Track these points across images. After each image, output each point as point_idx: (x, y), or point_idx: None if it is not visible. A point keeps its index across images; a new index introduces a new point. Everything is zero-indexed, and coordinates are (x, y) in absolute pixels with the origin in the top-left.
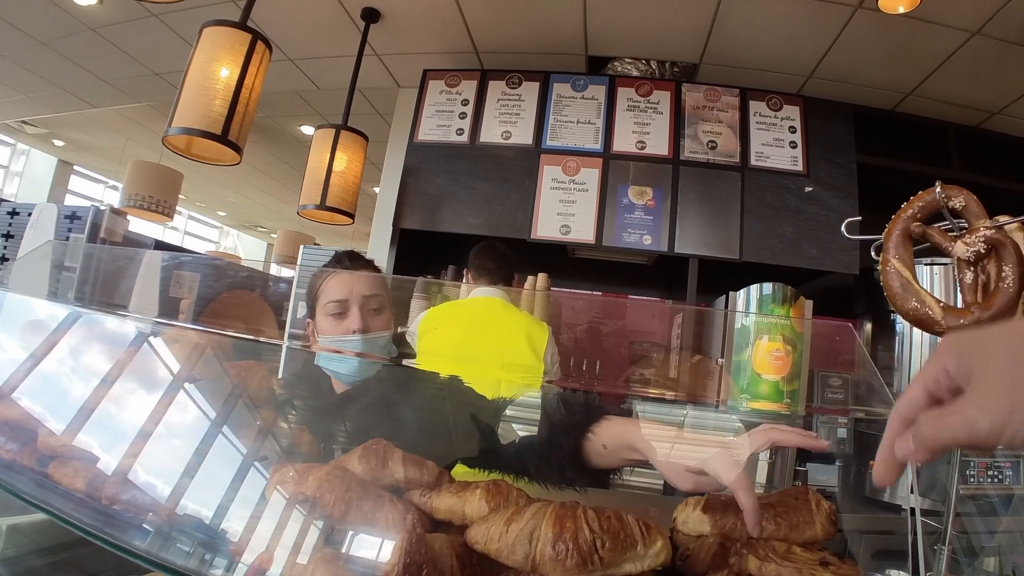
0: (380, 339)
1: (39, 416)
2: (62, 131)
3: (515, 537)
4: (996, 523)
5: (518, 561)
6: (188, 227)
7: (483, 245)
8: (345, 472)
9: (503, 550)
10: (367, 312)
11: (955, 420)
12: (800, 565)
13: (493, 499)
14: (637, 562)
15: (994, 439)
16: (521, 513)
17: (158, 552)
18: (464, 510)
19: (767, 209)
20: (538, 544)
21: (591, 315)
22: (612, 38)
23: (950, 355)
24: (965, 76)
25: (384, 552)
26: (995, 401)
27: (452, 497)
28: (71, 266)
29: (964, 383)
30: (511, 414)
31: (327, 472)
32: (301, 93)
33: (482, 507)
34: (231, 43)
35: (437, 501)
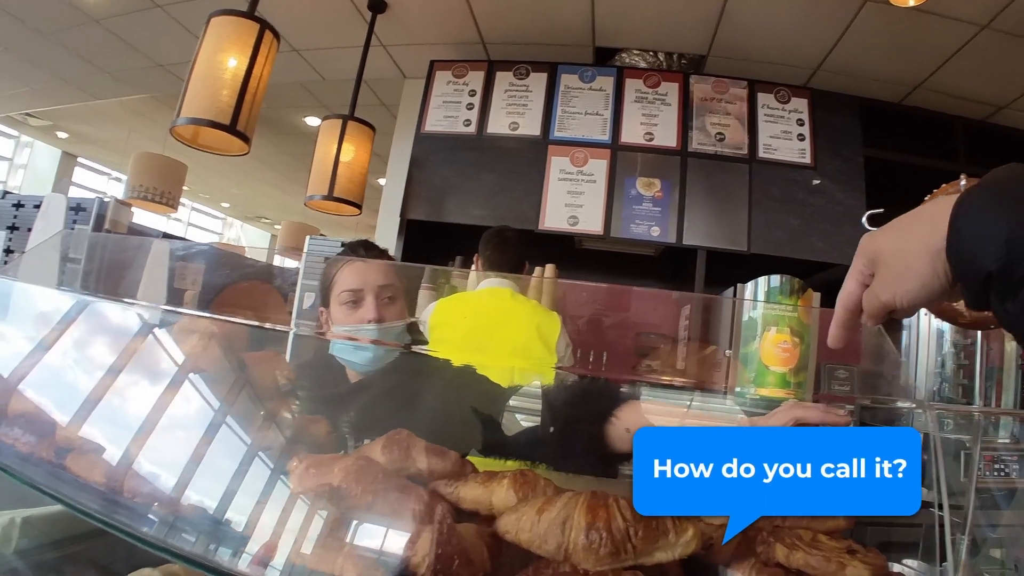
0: (394, 329)
1: (57, 409)
2: (66, 123)
3: (547, 527)
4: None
5: (550, 551)
6: (192, 218)
7: (493, 231)
8: (371, 462)
9: (535, 540)
10: (382, 302)
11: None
12: (828, 553)
13: (521, 489)
14: (668, 551)
15: (891, 307)
16: (553, 503)
17: (176, 544)
18: (491, 500)
19: (774, 202)
20: (571, 533)
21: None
22: (620, 29)
23: (862, 254)
24: (973, 70)
25: (414, 544)
26: (885, 279)
27: (479, 487)
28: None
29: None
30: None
31: (352, 462)
32: (306, 84)
33: (510, 497)
34: (239, 33)
35: (463, 491)
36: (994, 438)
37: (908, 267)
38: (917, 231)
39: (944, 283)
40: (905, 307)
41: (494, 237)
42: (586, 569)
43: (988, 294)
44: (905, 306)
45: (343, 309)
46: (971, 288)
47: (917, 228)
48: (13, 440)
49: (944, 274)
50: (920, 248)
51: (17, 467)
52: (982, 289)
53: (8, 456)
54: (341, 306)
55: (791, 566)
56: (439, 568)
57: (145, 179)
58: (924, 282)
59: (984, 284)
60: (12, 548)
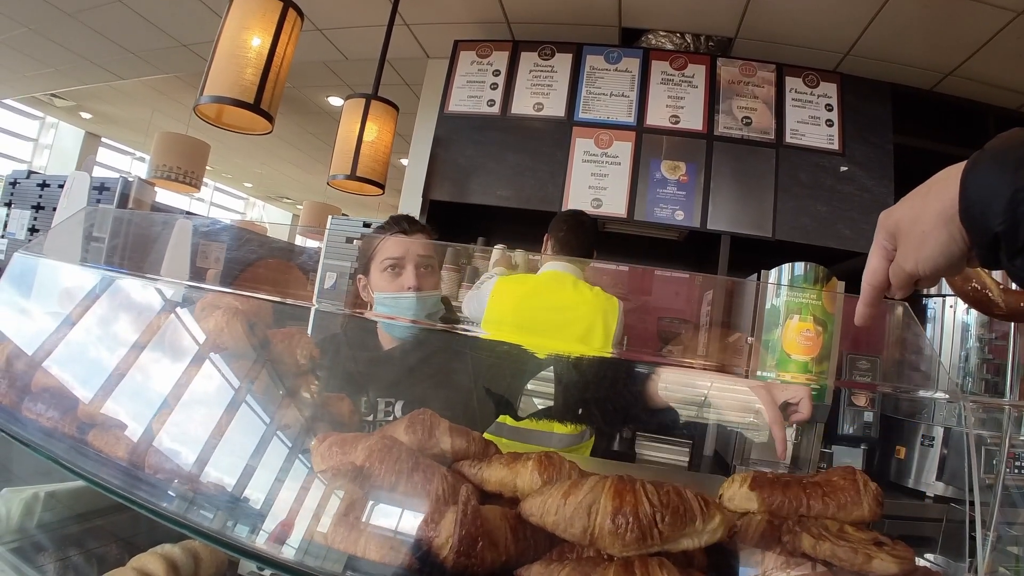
0: (431, 297)
1: (80, 384)
2: (90, 103)
3: (573, 510)
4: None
5: (576, 535)
6: (214, 198)
7: (568, 213)
8: (394, 442)
9: (560, 523)
10: (420, 272)
11: (894, 269)
12: (855, 544)
13: (546, 471)
14: (695, 537)
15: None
16: (579, 486)
17: (196, 520)
18: (516, 482)
19: (801, 188)
20: (597, 518)
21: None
22: (646, 10)
23: (882, 228)
24: (1007, 57)
25: (438, 525)
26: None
27: (503, 469)
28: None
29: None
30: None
31: (376, 441)
32: (329, 64)
33: (535, 479)
34: (263, 11)
35: (488, 472)
36: (1015, 434)
37: (926, 234)
38: (931, 199)
39: (962, 247)
40: (928, 274)
41: (570, 219)
42: (611, 554)
43: (998, 254)
44: (928, 272)
45: (385, 276)
46: (982, 249)
47: (931, 196)
48: (37, 415)
49: (961, 238)
50: (935, 215)
51: (40, 442)
52: (991, 249)
53: (32, 431)
54: (382, 273)
55: (818, 556)
56: (462, 549)
57: (168, 159)
58: (943, 248)
59: (993, 244)
60: (35, 522)
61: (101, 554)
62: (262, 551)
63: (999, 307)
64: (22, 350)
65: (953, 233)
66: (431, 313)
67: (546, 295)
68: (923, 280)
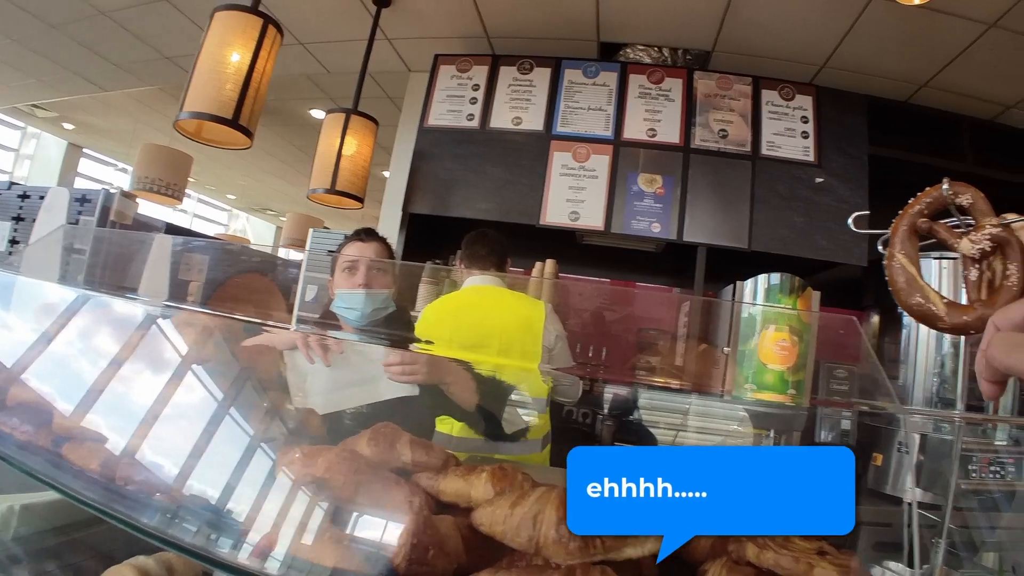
0: (380, 295)
1: (54, 398)
2: (72, 114)
3: (519, 520)
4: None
5: (522, 543)
6: (197, 210)
7: (473, 233)
8: (354, 454)
9: (507, 532)
10: (372, 273)
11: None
12: (798, 554)
13: (499, 482)
14: (638, 547)
15: None
16: (526, 496)
17: (168, 530)
18: (470, 493)
19: (777, 199)
20: (542, 527)
21: (599, 302)
22: (624, 24)
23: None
24: (981, 69)
25: (392, 533)
26: None
27: (459, 480)
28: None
29: None
30: None
31: (336, 454)
32: (312, 77)
33: (488, 490)
34: (242, 28)
35: (444, 484)
36: (992, 439)
37: None
38: None
39: None
40: None
41: (473, 235)
42: (557, 562)
43: None
44: None
45: (343, 275)
46: None
47: None
48: (11, 429)
49: None
50: None
51: (15, 455)
52: None
53: (7, 444)
54: (342, 273)
55: (762, 565)
56: (414, 557)
57: (151, 170)
58: None
59: None
60: (11, 535)
61: (78, 567)
62: (228, 561)
63: (943, 321)
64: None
65: None
66: (379, 308)
67: (470, 311)
68: None
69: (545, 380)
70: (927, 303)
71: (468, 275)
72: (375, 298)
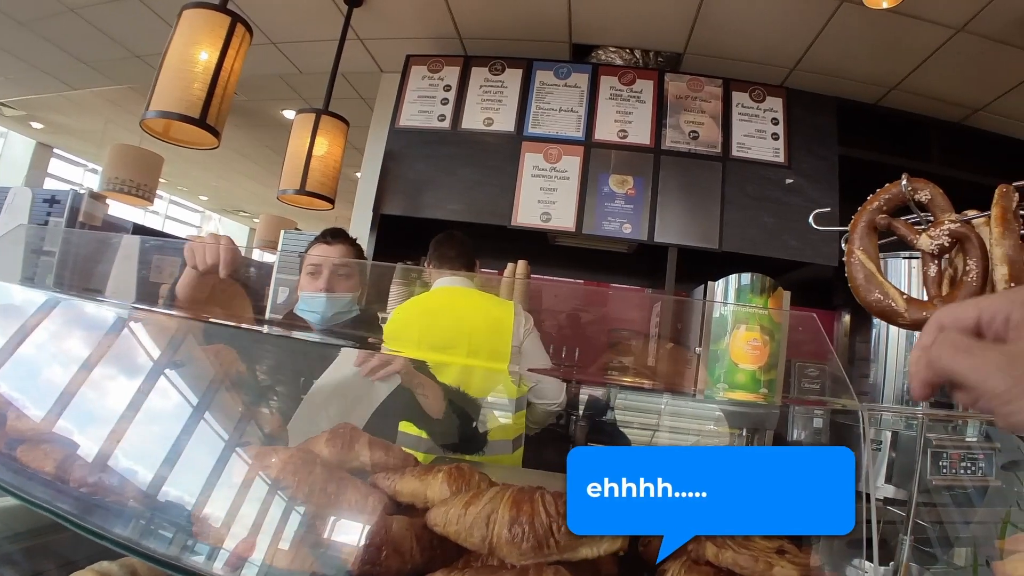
0: (343, 298)
1: (7, 400)
2: (41, 113)
3: (473, 520)
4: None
5: (475, 543)
6: (169, 211)
7: (441, 235)
8: (310, 455)
9: (461, 532)
10: (335, 276)
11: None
12: (757, 553)
13: (455, 482)
14: (593, 547)
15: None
16: (480, 496)
17: (125, 533)
18: (426, 493)
19: (748, 200)
20: (495, 527)
21: (571, 303)
22: (597, 26)
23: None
24: (949, 72)
25: (346, 534)
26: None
27: (415, 480)
28: (49, 250)
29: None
30: None
31: (292, 455)
32: (283, 77)
33: (444, 490)
34: (210, 26)
35: (400, 484)
36: (964, 435)
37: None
38: None
39: None
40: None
41: (441, 237)
42: (511, 562)
43: None
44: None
45: (307, 278)
46: None
47: None
48: None
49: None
50: None
51: None
52: None
53: None
54: (306, 276)
55: (720, 564)
56: (367, 558)
57: (121, 171)
58: None
59: None
60: None
61: (39, 573)
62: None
63: (903, 317)
64: None
65: None
66: (341, 312)
67: (439, 312)
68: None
69: (517, 381)
70: (886, 299)
71: (438, 276)
72: (337, 302)
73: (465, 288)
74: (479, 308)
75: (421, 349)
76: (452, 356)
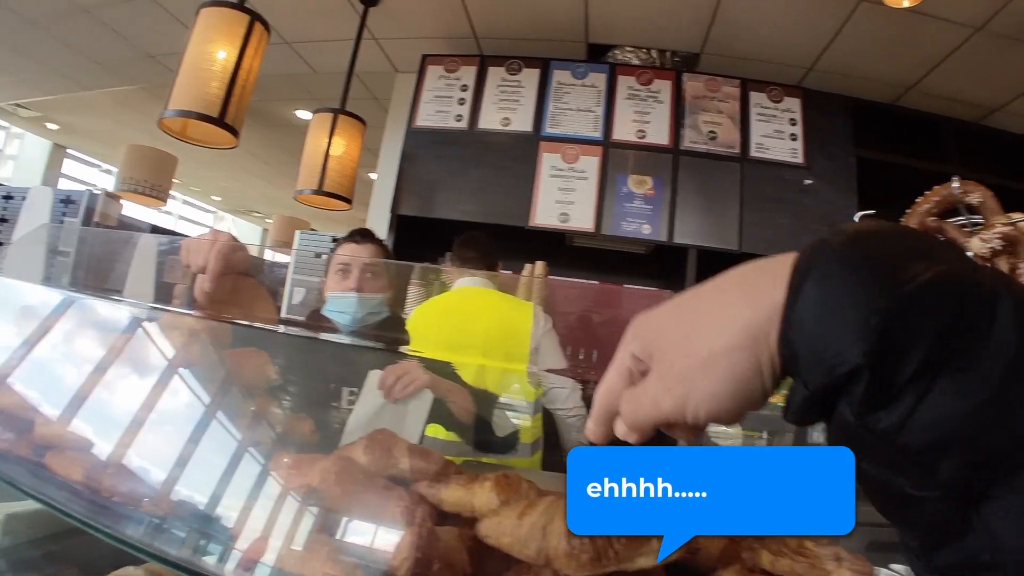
0: (373, 299)
1: (35, 405)
2: (56, 114)
3: (528, 531)
4: None
5: (531, 555)
6: (182, 212)
7: (463, 235)
8: (351, 463)
9: (515, 544)
10: (364, 276)
11: (645, 401)
12: (814, 560)
13: (503, 491)
14: (651, 556)
15: (680, 415)
16: (534, 506)
17: (154, 542)
18: (473, 502)
19: (766, 201)
20: (552, 538)
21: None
22: (613, 26)
23: (634, 339)
24: (967, 72)
25: (394, 546)
26: (667, 380)
27: (460, 489)
28: (65, 251)
29: (650, 363)
30: None
31: (332, 463)
32: (297, 77)
33: (492, 499)
34: (228, 24)
35: (445, 493)
36: None
37: (713, 358)
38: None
39: (768, 383)
40: (701, 419)
41: (463, 238)
42: (567, 574)
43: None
44: (702, 417)
45: (335, 278)
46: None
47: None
48: None
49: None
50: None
51: None
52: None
53: None
54: (335, 275)
55: (776, 572)
56: (418, 572)
57: (135, 171)
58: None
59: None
60: None
61: None
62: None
63: None
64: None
65: (760, 361)
66: (372, 312)
67: (455, 313)
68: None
69: (535, 384)
70: None
71: (458, 276)
72: (367, 302)
73: (483, 289)
74: (496, 309)
75: (438, 350)
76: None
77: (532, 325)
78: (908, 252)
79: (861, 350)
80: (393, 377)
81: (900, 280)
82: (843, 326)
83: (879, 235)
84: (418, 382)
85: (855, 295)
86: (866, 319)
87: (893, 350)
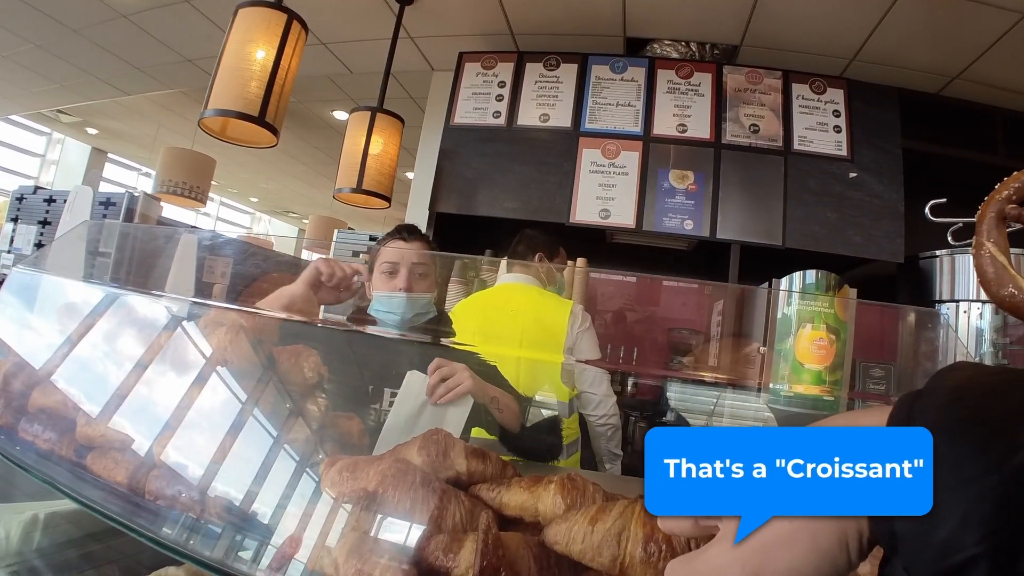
0: (422, 299)
1: (77, 404)
2: (95, 119)
3: (601, 538)
4: None
5: (604, 564)
6: (220, 213)
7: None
8: (407, 465)
9: (587, 552)
10: (413, 275)
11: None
12: None
13: (569, 495)
14: None
15: None
16: (606, 512)
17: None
18: (537, 507)
19: (810, 195)
20: (627, 545)
21: (632, 300)
22: (651, 19)
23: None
24: (1014, 59)
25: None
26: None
27: (524, 493)
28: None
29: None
30: None
31: (388, 465)
32: (333, 77)
33: (557, 504)
34: (266, 23)
35: (507, 497)
36: None
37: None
38: None
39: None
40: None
41: (517, 237)
42: None
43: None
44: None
45: (382, 278)
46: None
47: None
48: (33, 437)
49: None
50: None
51: (36, 465)
52: None
53: (28, 453)
54: (381, 275)
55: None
56: None
57: (174, 174)
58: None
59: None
60: (35, 545)
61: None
62: None
63: None
64: (19, 369)
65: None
66: (420, 312)
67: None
68: None
69: (568, 383)
70: (1021, 294)
71: (502, 272)
72: (416, 302)
73: (525, 285)
74: (535, 305)
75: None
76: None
77: (569, 322)
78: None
79: (978, 535)
80: (438, 378)
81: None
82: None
83: (980, 389)
84: (462, 387)
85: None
86: (980, 498)
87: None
